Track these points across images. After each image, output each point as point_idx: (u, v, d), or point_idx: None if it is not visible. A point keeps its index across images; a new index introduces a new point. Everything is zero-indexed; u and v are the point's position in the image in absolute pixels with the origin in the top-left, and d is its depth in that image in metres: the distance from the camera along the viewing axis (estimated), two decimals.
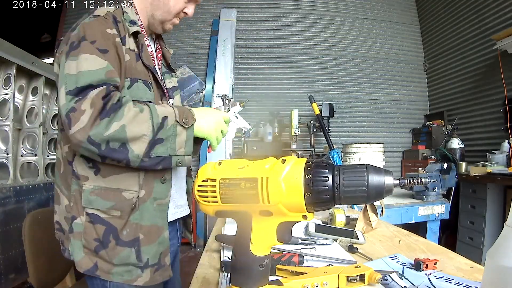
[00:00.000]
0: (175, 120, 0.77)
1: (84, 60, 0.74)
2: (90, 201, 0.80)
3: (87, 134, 0.69)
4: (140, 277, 0.82)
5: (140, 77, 0.84)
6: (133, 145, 0.73)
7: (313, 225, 0.99)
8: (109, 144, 0.71)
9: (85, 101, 0.70)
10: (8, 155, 2.02)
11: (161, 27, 0.95)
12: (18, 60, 2.01)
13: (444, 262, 0.77)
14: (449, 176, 2.01)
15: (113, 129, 0.70)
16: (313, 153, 3.33)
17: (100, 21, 0.80)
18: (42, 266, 1.30)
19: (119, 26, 0.83)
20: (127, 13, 0.89)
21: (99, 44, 0.76)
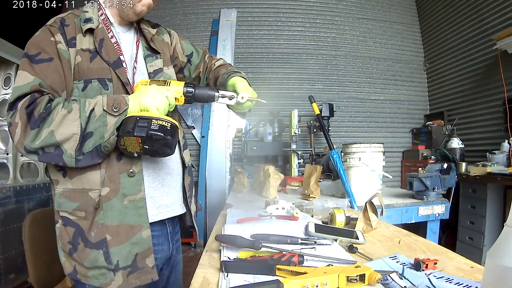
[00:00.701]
0: (103, 109, 0.75)
1: (18, 76, 0.78)
2: (60, 204, 0.81)
3: (23, 145, 0.73)
4: (113, 281, 0.79)
5: (94, 76, 0.82)
6: (65, 146, 0.74)
7: (313, 225, 0.99)
8: (45, 149, 0.73)
9: (16, 114, 0.73)
10: (8, 155, 2.02)
11: (132, 11, 0.89)
12: (18, 60, 2.01)
13: (444, 262, 0.77)
14: (449, 176, 2.01)
15: (43, 136, 0.72)
16: (313, 153, 3.33)
17: (45, 31, 0.82)
18: (42, 266, 1.30)
19: (67, 29, 0.83)
20: (86, 11, 0.88)
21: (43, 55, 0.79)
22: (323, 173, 2.29)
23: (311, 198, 1.82)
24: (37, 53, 0.78)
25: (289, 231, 1.00)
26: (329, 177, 2.37)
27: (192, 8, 4.15)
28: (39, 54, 0.78)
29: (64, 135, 0.73)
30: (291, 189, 2.34)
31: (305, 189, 1.92)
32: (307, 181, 1.92)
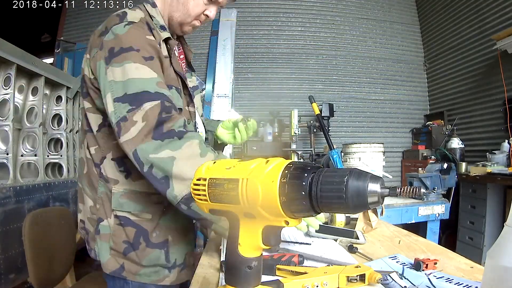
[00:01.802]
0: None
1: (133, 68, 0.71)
2: (121, 204, 0.79)
3: (134, 148, 0.67)
4: (167, 277, 0.83)
5: (172, 83, 0.82)
6: (175, 184, 0.66)
7: None
8: (152, 169, 0.66)
9: (138, 112, 0.67)
10: (8, 155, 2.01)
11: (179, 29, 0.91)
12: (18, 60, 2.00)
13: (444, 262, 0.77)
14: (449, 176, 2.02)
15: (162, 155, 0.65)
16: (313, 153, 3.33)
17: (137, 28, 0.76)
18: (42, 266, 1.30)
19: (154, 33, 0.80)
20: (154, 17, 0.85)
21: (144, 53, 0.73)
22: None
23: None
24: (138, 49, 0.73)
25: (289, 231, 1.00)
26: None
27: None
28: (139, 51, 0.73)
29: (182, 172, 0.65)
30: None
31: None
32: None
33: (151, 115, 0.67)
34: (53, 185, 2.28)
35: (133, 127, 0.67)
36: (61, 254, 1.48)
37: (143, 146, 0.66)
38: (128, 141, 0.67)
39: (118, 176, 0.80)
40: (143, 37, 0.76)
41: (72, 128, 2.62)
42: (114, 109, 0.70)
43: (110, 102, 0.71)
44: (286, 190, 0.39)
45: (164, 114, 0.68)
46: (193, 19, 0.89)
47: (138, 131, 0.66)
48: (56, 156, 2.45)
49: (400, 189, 0.39)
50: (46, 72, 2.28)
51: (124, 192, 0.80)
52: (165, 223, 0.82)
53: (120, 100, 0.69)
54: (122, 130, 0.68)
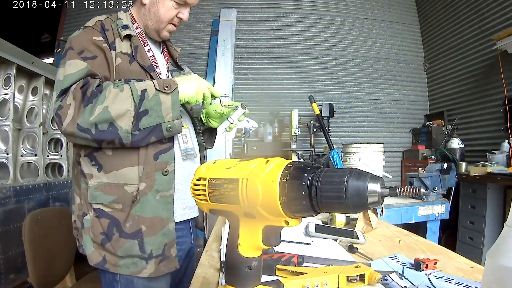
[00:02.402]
0: (155, 89, 0.80)
1: (68, 65, 0.81)
2: (95, 197, 0.84)
3: (76, 123, 0.75)
4: (145, 269, 0.84)
5: (133, 77, 0.87)
6: (120, 122, 0.77)
7: (313, 225, 0.99)
8: (98, 126, 0.76)
9: (68, 96, 0.77)
10: (8, 155, 2.01)
11: (157, 35, 0.98)
12: (18, 60, 2.01)
13: (444, 262, 0.77)
14: (449, 176, 2.01)
15: (98, 112, 0.75)
16: (313, 153, 3.33)
17: (88, 31, 0.86)
18: (42, 266, 1.30)
19: (107, 33, 0.88)
20: (121, 19, 0.94)
21: (87, 53, 0.83)
22: None
23: None
24: (80, 51, 0.82)
25: (289, 232, 1.00)
26: None
27: (192, 8, 4.13)
28: (82, 52, 0.82)
29: (118, 111, 0.76)
30: None
31: None
32: None
33: (76, 92, 0.77)
34: (53, 185, 2.28)
35: (69, 109, 0.76)
36: (61, 254, 1.48)
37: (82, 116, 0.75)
38: (69, 122, 0.76)
39: (92, 170, 0.85)
40: (90, 38, 0.85)
41: None
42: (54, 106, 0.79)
43: (54, 99, 0.80)
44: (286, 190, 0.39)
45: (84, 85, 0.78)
46: (166, 24, 0.95)
47: (73, 109, 0.76)
48: (56, 156, 2.45)
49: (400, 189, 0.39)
50: (46, 72, 2.28)
51: (98, 184, 0.84)
52: (137, 213, 0.84)
53: (59, 95, 0.79)
54: (62, 116, 0.76)
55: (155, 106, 0.79)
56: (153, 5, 0.93)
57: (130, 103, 0.77)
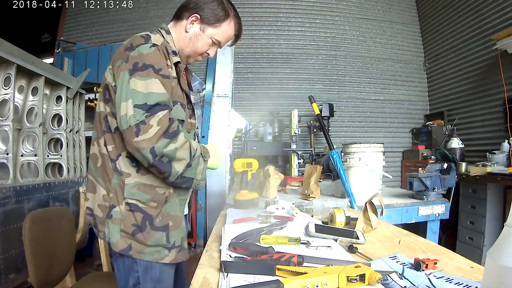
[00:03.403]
0: (200, 153, 1.00)
1: (154, 83, 0.90)
2: (133, 193, 0.95)
3: (152, 146, 0.86)
4: (167, 256, 0.99)
5: (178, 100, 1.01)
6: (176, 165, 0.92)
7: (313, 225, 0.99)
8: (162, 158, 0.89)
9: (153, 118, 0.87)
10: (8, 155, 2.01)
11: (186, 60, 1.11)
12: (18, 60, 2.00)
13: (444, 262, 0.77)
14: (449, 176, 2.01)
15: (169, 148, 0.89)
16: (313, 153, 3.33)
17: (160, 52, 0.95)
18: (42, 266, 1.30)
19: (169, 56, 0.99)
20: (168, 42, 1.04)
21: (164, 72, 0.93)
22: (323, 173, 2.30)
23: (311, 198, 1.82)
24: (159, 68, 0.92)
25: (289, 231, 1.00)
26: (329, 177, 2.37)
27: None
28: (161, 70, 0.92)
29: (180, 156, 0.92)
30: (291, 189, 2.34)
31: (305, 189, 1.92)
32: (307, 181, 1.92)
33: (165, 121, 0.89)
34: (53, 185, 2.28)
35: (151, 129, 0.86)
36: (61, 254, 1.48)
37: (159, 143, 0.87)
38: (145, 140, 0.86)
39: (131, 170, 0.96)
40: (163, 59, 0.95)
41: (72, 128, 2.62)
42: (133, 113, 0.86)
43: (130, 106, 0.87)
44: None
45: (170, 119, 0.92)
46: (198, 55, 1.10)
47: (155, 132, 0.86)
48: (56, 156, 2.44)
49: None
50: (46, 72, 2.28)
51: (135, 183, 0.96)
52: (166, 211, 0.99)
53: (140, 107, 0.87)
54: (141, 131, 0.86)
55: (196, 165, 0.98)
56: (195, 36, 1.06)
57: (187, 155, 0.94)
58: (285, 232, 0.99)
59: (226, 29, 1.09)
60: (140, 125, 0.85)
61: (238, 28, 1.14)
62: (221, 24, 1.07)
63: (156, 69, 0.91)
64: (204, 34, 1.06)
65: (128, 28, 4.12)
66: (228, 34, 1.11)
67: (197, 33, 1.05)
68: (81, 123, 2.84)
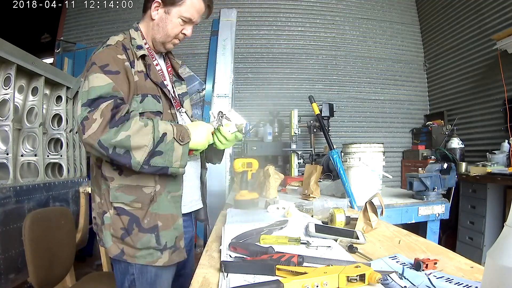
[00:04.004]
0: (173, 137, 0.91)
1: (94, 78, 0.89)
2: (116, 197, 0.95)
3: (98, 139, 0.83)
4: (160, 258, 0.97)
5: (149, 92, 0.99)
6: (135, 153, 0.86)
7: (313, 225, 0.99)
8: (116, 149, 0.85)
9: (96, 111, 0.85)
10: (8, 155, 2.01)
11: (162, 47, 1.08)
12: (18, 60, 2.00)
13: (444, 262, 0.77)
14: (449, 176, 2.00)
15: (120, 137, 0.84)
16: (313, 153, 3.33)
17: (111, 49, 0.95)
18: (42, 266, 1.30)
19: (128, 52, 0.98)
20: (135, 38, 1.04)
21: (110, 67, 0.91)
22: (323, 173, 2.29)
23: (311, 198, 1.82)
24: (104, 64, 0.91)
25: (288, 232, 1.00)
26: (329, 177, 2.37)
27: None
28: (107, 65, 0.91)
29: (137, 143, 0.86)
30: (291, 189, 2.34)
31: (305, 189, 1.92)
32: (307, 181, 1.92)
33: (106, 111, 0.85)
34: (53, 185, 2.28)
35: (94, 123, 0.84)
36: (61, 254, 1.48)
37: (105, 135, 0.83)
38: (92, 134, 0.83)
39: (113, 173, 0.96)
40: (113, 55, 0.94)
41: (72, 128, 2.62)
42: (80, 112, 0.86)
43: (79, 107, 0.88)
44: None
45: (115, 108, 0.87)
46: (172, 38, 1.07)
47: (98, 125, 0.83)
48: (56, 156, 2.44)
49: None
50: (46, 72, 2.28)
51: (119, 186, 0.95)
52: (154, 210, 0.96)
53: (85, 104, 0.87)
54: (86, 127, 0.84)
55: (168, 151, 0.90)
56: (161, 20, 1.03)
57: (150, 140, 0.87)
58: (285, 232, 0.99)
59: (193, 3, 1.03)
60: (83, 122, 0.84)
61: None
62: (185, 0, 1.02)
63: (100, 65, 0.90)
64: (170, 16, 1.02)
65: (128, 28, 4.11)
66: (198, 7, 1.04)
67: (163, 17, 1.03)
68: None
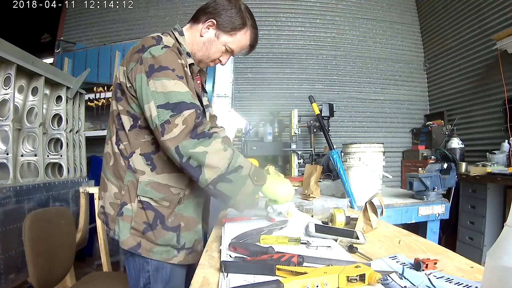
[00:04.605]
0: (248, 174, 0.91)
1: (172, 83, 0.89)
2: (146, 191, 0.95)
3: (176, 144, 0.85)
4: (176, 257, 1.00)
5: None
6: (206, 171, 0.87)
7: (313, 225, 0.99)
8: (190, 160, 0.86)
9: (179, 117, 0.86)
10: (8, 155, 2.01)
11: (197, 64, 1.09)
12: (18, 60, 2.00)
13: (444, 262, 0.77)
14: (449, 176, 2.00)
15: (198, 150, 0.85)
16: (313, 153, 3.33)
17: (172, 52, 0.94)
18: (42, 266, 1.30)
19: (182, 57, 0.98)
20: (182, 44, 1.03)
21: (178, 72, 0.91)
22: (323, 173, 2.29)
23: (311, 198, 1.82)
24: (173, 68, 0.90)
25: (289, 231, 1.00)
26: (329, 177, 2.36)
27: (192, 8, 4.11)
28: (174, 70, 0.90)
29: (212, 163, 0.86)
30: None
31: (305, 189, 1.92)
32: (307, 181, 1.92)
33: (190, 120, 0.86)
34: (53, 185, 2.28)
35: (175, 128, 0.85)
36: (61, 254, 1.48)
37: (184, 143, 0.85)
38: (171, 139, 0.85)
39: (145, 168, 0.96)
40: (176, 59, 0.94)
41: (72, 128, 2.62)
42: (157, 114, 0.87)
43: (153, 108, 0.88)
44: None
45: (197, 119, 0.88)
46: (210, 61, 1.09)
47: (179, 131, 0.85)
48: (56, 156, 2.44)
49: None
50: (46, 72, 2.28)
51: (149, 181, 0.96)
52: (179, 211, 0.99)
53: (163, 107, 0.87)
54: (166, 130, 0.86)
55: (238, 184, 0.90)
56: (209, 41, 1.04)
57: (224, 165, 0.87)
58: (285, 232, 0.99)
59: (241, 39, 1.06)
60: (164, 125, 0.86)
61: (254, 39, 1.10)
62: (237, 33, 1.05)
63: (171, 69, 0.90)
64: (218, 41, 1.04)
65: (128, 28, 4.12)
66: (243, 44, 1.08)
67: (211, 38, 1.04)
68: (81, 123, 2.84)
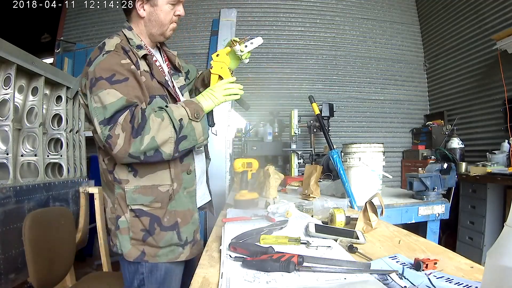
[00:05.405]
0: (189, 119, 0.93)
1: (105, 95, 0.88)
2: (134, 199, 0.95)
3: (127, 152, 0.86)
4: (182, 254, 1.01)
5: (156, 93, 0.99)
6: (164, 148, 0.89)
7: (313, 225, 0.99)
8: (146, 154, 0.88)
9: (116, 127, 0.86)
10: (8, 155, 2.01)
11: (162, 37, 1.08)
12: (18, 60, 2.00)
13: (444, 262, 0.77)
14: (449, 176, 2.00)
15: (146, 142, 0.87)
16: (313, 153, 3.33)
17: (113, 55, 0.92)
18: (42, 266, 1.30)
19: (130, 54, 0.96)
20: (131, 38, 1.01)
21: (118, 76, 0.89)
22: (323, 173, 2.29)
23: (311, 198, 1.82)
24: (111, 75, 0.89)
25: (288, 232, 1.00)
26: (329, 177, 2.37)
27: (192, 8, 4.15)
28: (113, 76, 0.89)
29: (163, 139, 0.89)
30: (291, 189, 2.34)
31: (305, 189, 1.92)
32: (307, 181, 1.92)
33: (125, 124, 0.87)
34: (53, 185, 2.28)
35: (118, 139, 0.86)
36: (61, 254, 1.48)
37: (132, 147, 0.86)
38: (120, 150, 0.86)
39: (128, 176, 0.96)
40: (117, 62, 0.91)
41: (72, 128, 2.62)
42: (101, 131, 0.88)
43: (97, 125, 0.89)
44: None
45: (132, 118, 0.87)
46: (168, 25, 1.05)
47: (123, 140, 0.86)
48: (56, 156, 2.44)
49: None
50: (46, 72, 2.28)
51: (135, 188, 0.96)
52: (173, 208, 0.99)
53: (103, 123, 0.88)
54: (112, 144, 0.86)
55: (191, 132, 0.93)
56: (151, 14, 1.02)
57: (171, 131, 0.90)
58: (285, 232, 0.99)
59: None
60: (108, 140, 0.86)
61: None
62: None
63: (106, 78, 0.88)
64: (158, 6, 1.01)
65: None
66: None
67: (151, 11, 1.01)
68: (81, 123, 2.84)
